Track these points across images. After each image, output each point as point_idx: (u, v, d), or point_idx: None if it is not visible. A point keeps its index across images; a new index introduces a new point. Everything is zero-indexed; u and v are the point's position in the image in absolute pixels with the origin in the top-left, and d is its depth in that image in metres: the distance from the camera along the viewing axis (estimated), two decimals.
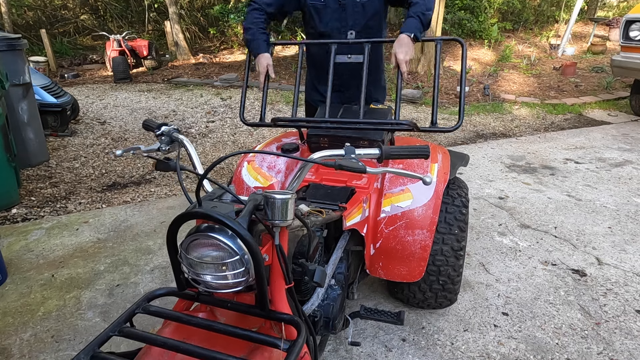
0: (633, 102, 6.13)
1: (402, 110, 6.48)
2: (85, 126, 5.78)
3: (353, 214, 1.67)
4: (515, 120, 6.07)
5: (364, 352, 1.97)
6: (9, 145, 3.34)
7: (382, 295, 2.35)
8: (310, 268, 1.19)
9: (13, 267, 2.66)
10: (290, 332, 1.04)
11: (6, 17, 10.69)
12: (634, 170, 4.13)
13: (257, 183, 2.03)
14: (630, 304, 2.29)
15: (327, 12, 2.07)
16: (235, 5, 10.40)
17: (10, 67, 3.75)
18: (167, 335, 1.03)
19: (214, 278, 0.98)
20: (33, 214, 3.40)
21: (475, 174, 4.08)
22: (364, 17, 2.05)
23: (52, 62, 9.78)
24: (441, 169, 1.97)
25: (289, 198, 0.98)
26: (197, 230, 0.98)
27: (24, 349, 2.03)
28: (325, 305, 1.50)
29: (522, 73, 8.28)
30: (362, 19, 2.05)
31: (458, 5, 9.55)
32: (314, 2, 2.07)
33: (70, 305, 2.32)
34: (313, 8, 2.09)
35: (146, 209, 3.43)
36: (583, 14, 11.63)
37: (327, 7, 2.06)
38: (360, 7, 2.03)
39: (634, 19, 5.49)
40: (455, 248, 1.93)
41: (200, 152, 4.89)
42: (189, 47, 10.96)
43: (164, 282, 2.52)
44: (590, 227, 3.07)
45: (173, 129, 1.37)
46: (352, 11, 2.04)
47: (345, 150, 1.13)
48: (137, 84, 8.69)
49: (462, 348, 2.00)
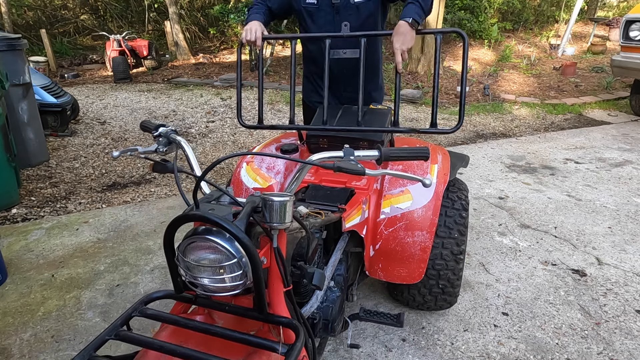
0: (633, 102, 6.12)
1: (402, 111, 6.48)
2: (85, 126, 5.78)
3: (352, 216, 1.67)
4: (515, 120, 6.06)
5: (364, 352, 1.97)
6: (9, 145, 3.34)
7: (382, 296, 2.35)
8: (309, 271, 1.18)
9: (13, 267, 2.66)
10: (288, 336, 1.04)
11: (6, 17, 10.69)
12: (634, 170, 4.12)
13: (256, 184, 2.03)
14: (630, 304, 2.28)
15: (320, 14, 2.04)
16: (235, 5, 10.39)
17: (10, 67, 3.74)
18: (164, 339, 1.03)
19: (212, 281, 0.98)
20: (33, 214, 3.40)
21: (475, 174, 4.07)
22: (359, 19, 2.01)
23: (52, 62, 9.78)
24: (441, 170, 1.97)
25: (287, 200, 0.97)
26: (195, 232, 0.97)
27: (24, 349, 2.03)
28: (325, 308, 1.49)
29: (522, 73, 8.27)
30: (357, 21, 2.01)
31: (458, 5, 9.54)
32: (307, 5, 2.04)
33: (70, 305, 2.32)
34: (306, 11, 2.06)
35: (146, 209, 3.43)
36: (583, 14, 11.62)
37: (320, 9, 2.03)
38: (355, 9, 1.99)
39: (634, 19, 5.48)
40: (455, 252, 1.92)
41: (200, 152, 4.89)
42: (189, 47, 10.96)
43: (164, 282, 2.51)
44: (590, 227, 3.07)
45: (170, 130, 1.36)
46: (346, 13, 2.00)
47: (344, 152, 1.13)
48: (137, 84, 8.69)
49: (462, 348, 2.00)
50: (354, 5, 1.99)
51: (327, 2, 2.01)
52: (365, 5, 2.00)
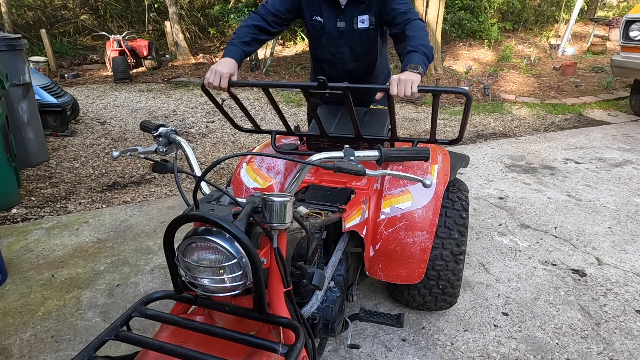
0: (633, 102, 6.12)
1: (402, 111, 6.49)
2: (85, 126, 5.78)
3: (352, 216, 1.67)
4: (515, 120, 6.06)
5: (364, 352, 1.97)
6: (9, 145, 3.34)
7: (382, 296, 2.35)
8: (309, 271, 1.18)
9: (13, 267, 2.66)
10: (288, 336, 1.03)
11: (6, 17, 10.69)
12: (634, 170, 4.12)
13: (256, 184, 2.02)
14: (630, 304, 2.28)
15: (325, 35, 2.05)
16: (235, 5, 10.39)
17: (10, 67, 3.74)
18: (164, 339, 1.03)
19: (212, 281, 0.98)
20: (33, 214, 3.40)
21: (475, 174, 4.07)
22: (361, 45, 2.04)
23: (52, 62, 9.77)
24: (441, 170, 1.96)
25: (287, 201, 0.97)
26: (194, 233, 0.97)
27: (24, 349, 2.02)
28: (325, 308, 1.49)
29: (522, 73, 8.27)
30: (359, 46, 2.04)
31: (458, 5, 9.54)
32: (314, 22, 2.04)
33: (70, 305, 2.32)
34: (312, 27, 2.06)
35: (146, 209, 3.43)
36: (583, 14, 11.62)
37: (325, 32, 2.04)
38: (358, 35, 2.01)
39: (634, 19, 5.48)
40: (455, 252, 1.92)
41: (200, 152, 4.89)
42: (189, 47, 10.95)
43: (164, 282, 2.51)
44: (590, 227, 3.07)
45: (170, 130, 1.36)
46: (350, 38, 2.02)
47: (344, 152, 1.13)
48: (137, 84, 8.68)
49: (462, 348, 2.00)
50: (357, 31, 2.00)
51: (332, 25, 2.01)
52: (367, 33, 2.00)
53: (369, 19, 1.96)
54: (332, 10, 1.98)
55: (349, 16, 1.96)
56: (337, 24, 1.99)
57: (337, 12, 1.97)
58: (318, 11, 2.00)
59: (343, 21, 1.97)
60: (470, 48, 9.51)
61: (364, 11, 1.94)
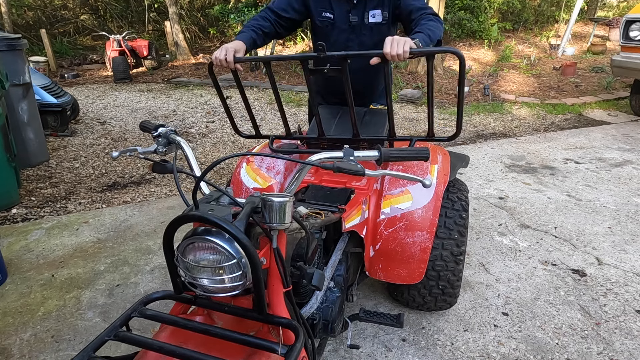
0: (633, 102, 6.11)
1: (402, 110, 6.48)
2: (85, 126, 5.78)
3: (352, 216, 1.67)
4: (515, 120, 6.06)
5: (364, 352, 1.97)
6: (9, 145, 3.34)
7: (382, 296, 2.35)
8: (309, 271, 1.18)
9: (13, 267, 2.66)
10: (288, 337, 1.03)
11: (6, 17, 10.69)
12: (634, 170, 4.12)
13: (256, 184, 2.02)
14: (630, 304, 2.28)
15: (335, 31, 2.05)
16: (235, 5, 10.39)
17: (10, 67, 3.74)
18: (164, 340, 1.03)
19: (211, 282, 0.98)
20: (33, 214, 3.40)
21: (475, 174, 4.07)
22: (372, 39, 2.03)
23: (52, 62, 9.77)
24: (441, 170, 1.96)
25: (287, 201, 0.97)
26: (194, 233, 0.97)
27: (24, 349, 2.02)
28: (324, 308, 1.49)
29: (522, 73, 8.26)
30: (370, 40, 2.03)
31: (458, 5, 9.53)
32: (323, 19, 2.04)
33: (70, 305, 2.32)
34: (321, 24, 2.06)
35: (146, 209, 3.43)
36: (583, 14, 11.61)
37: (335, 26, 2.04)
38: (369, 29, 2.01)
39: (634, 19, 5.48)
40: (455, 253, 1.92)
41: (200, 152, 4.89)
42: (189, 47, 10.95)
43: (164, 282, 2.51)
44: (590, 227, 3.07)
45: (170, 130, 1.36)
46: (360, 33, 2.02)
47: (344, 152, 1.12)
48: (137, 84, 8.68)
49: (462, 348, 2.00)
50: (368, 25, 2.00)
51: (343, 20, 2.01)
52: (378, 27, 2.01)
53: (381, 14, 1.97)
54: (343, 5, 1.99)
55: (360, 10, 1.98)
56: (349, 18, 2.00)
57: (350, 6, 1.98)
58: (328, 7, 2.01)
59: (355, 15, 1.98)
60: (470, 48, 9.51)
61: (376, 6, 1.96)
